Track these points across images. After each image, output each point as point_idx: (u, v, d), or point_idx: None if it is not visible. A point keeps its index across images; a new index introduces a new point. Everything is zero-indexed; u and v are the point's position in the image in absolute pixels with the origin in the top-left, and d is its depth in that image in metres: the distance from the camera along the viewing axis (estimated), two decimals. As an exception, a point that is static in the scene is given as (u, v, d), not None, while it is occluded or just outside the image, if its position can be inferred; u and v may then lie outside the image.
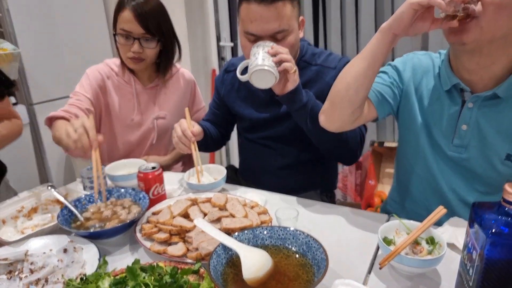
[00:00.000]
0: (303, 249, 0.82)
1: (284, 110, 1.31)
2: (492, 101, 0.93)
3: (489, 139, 0.95)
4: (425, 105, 1.04)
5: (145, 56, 1.39)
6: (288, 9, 1.13)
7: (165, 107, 1.54)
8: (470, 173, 1.00)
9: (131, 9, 1.32)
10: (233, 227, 0.91)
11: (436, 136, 1.02)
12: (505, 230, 0.57)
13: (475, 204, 0.64)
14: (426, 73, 1.05)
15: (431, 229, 0.85)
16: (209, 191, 1.17)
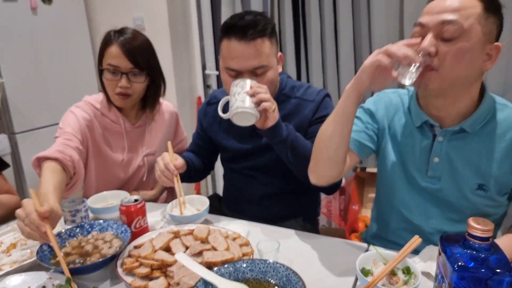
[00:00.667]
0: (283, 282, 0.83)
1: (266, 141, 1.35)
2: (460, 135, 0.98)
3: (460, 171, 0.99)
4: (398, 141, 1.08)
5: (133, 92, 1.39)
6: (267, 46, 1.19)
7: (153, 143, 1.55)
8: (444, 203, 1.04)
9: (119, 45, 1.33)
10: (215, 260, 0.92)
11: (410, 169, 1.06)
12: (470, 263, 0.60)
13: (443, 237, 0.67)
14: (397, 111, 1.11)
15: (406, 259, 0.88)
16: (191, 222, 1.18)
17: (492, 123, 0.96)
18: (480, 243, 0.60)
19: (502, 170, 0.96)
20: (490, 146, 0.96)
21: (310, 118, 1.32)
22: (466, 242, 0.62)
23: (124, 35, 1.36)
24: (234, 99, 1.13)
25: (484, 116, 0.96)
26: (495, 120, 0.96)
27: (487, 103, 0.96)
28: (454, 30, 0.86)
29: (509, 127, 0.95)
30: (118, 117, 1.47)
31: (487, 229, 0.59)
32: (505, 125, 0.96)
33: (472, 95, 0.95)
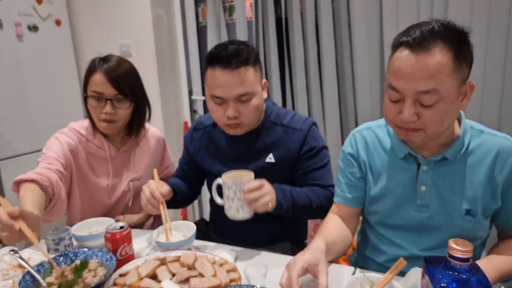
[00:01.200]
0: (271, 307, 0.83)
1: (252, 169, 1.36)
2: (443, 163, 1.02)
3: (447, 197, 1.02)
4: (384, 175, 1.10)
5: (118, 118, 1.40)
6: (251, 74, 1.22)
7: (139, 168, 1.54)
8: (434, 230, 1.05)
9: (103, 72, 1.35)
10: (202, 287, 0.91)
11: (399, 201, 1.08)
12: (451, 285, 0.61)
13: (426, 259, 0.69)
14: (375, 148, 1.13)
15: (392, 282, 0.89)
16: (178, 249, 1.17)
17: (471, 149, 1.00)
18: (460, 264, 0.61)
19: (486, 194, 0.99)
20: (472, 172, 1.00)
21: (298, 149, 1.34)
22: (448, 263, 0.63)
23: (109, 62, 1.37)
24: (229, 205, 1.14)
25: (463, 143, 1.00)
26: (473, 147, 1.00)
27: (464, 132, 1.00)
28: (432, 98, 0.87)
29: (486, 153, 0.99)
30: (103, 143, 1.47)
31: (466, 250, 0.61)
32: (483, 151, 1.00)
33: (451, 129, 0.99)
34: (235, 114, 1.24)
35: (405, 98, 0.90)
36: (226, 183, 1.12)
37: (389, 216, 1.11)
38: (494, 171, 0.98)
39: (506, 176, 0.98)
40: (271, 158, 1.36)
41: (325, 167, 1.36)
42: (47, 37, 2.55)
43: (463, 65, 0.88)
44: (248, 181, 1.11)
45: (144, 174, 1.55)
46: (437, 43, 0.85)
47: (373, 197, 1.14)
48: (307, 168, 1.35)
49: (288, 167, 1.36)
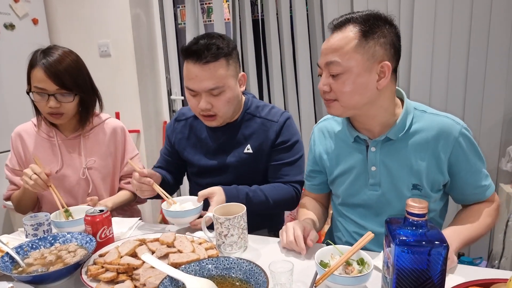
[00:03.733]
0: (247, 276, 0.87)
1: (231, 160, 1.42)
2: (388, 143, 1.10)
3: (396, 173, 1.10)
4: (339, 160, 1.20)
5: (64, 110, 1.40)
6: (222, 69, 1.27)
7: (92, 156, 1.54)
8: (387, 206, 1.14)
9: (43, 68, 1.33)
10: (181, 261, 0.94)
11: (355, 182, 1.17)
12: (410, 239, 0.67)
13: (387, 221, 0.75)
14: (331, 136, 1.23)
15: (360, 252, 0.95)
16: (189, 217, 1.21)
17: (414, 129, 1.08)
18: (417, 219, 0.68)
19: (431, 169, 1.07)
20: (416, 149, 1.07)
21: (273, 140, 1.40)
22: (406, 220, 0.70)
23: (49, 56, 1.35)
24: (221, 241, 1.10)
25: (405, 124, 1.07)
26: (416, 126, 1.08)
27: (406, 112, 1.08)
28: (336, 69, 0.99)
29: (429, 131, 1.07)
30: (51, 131, 1.51)
31: (422, 206, 0.67)
32: (426, 129, 1.07)
33: (386, 108, 1.07)
34: (207, 106, 1.29)
35: (323, 71, 1.04)
36: (218, 219, 1.09)
37: (348, 197, 1.20)
38: (437, 148, 1.05)
39: (451, 153, 1.05)
40: (249, 149, 1.41)
41: (296, 163, 1.43)
42: (24, 36, 2.53)
43: (370, 43, 0.97)
44: (241, 215, 1.09)
45: (100, 162, 1.54)
46: (348, 25, 0.99)
47: (333, 181, 1.24)
48: (277, 161, 1.42)
49: (264, 158, 1.42)
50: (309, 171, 1.32)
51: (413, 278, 0.67)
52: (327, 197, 1.37)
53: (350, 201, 1.20)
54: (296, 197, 1.42)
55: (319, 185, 1.32)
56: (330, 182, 1.26)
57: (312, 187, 1.34)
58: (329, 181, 1.26)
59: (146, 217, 2.95)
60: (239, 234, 1.10)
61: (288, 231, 1.12)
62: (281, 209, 1.56)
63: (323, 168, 1.26)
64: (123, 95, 2.72)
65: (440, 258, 0.66)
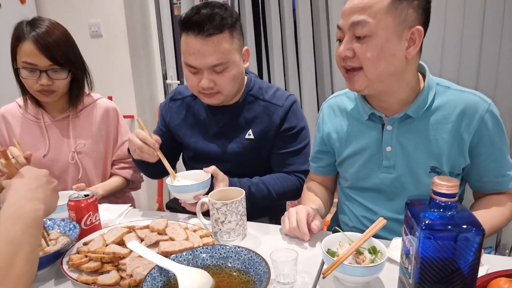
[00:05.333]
0: (246, 266, 0.78)
1: (231, 146, 1.31)
2: (407, 121, 0.99)
3: (412, 155, 1.00)
4: (350, 140, 1.09)
5: (56, 88, 1.31)
6: (226, 43, 1.14)
7: (82, 138, 1.44)
8: (401, 191, 1.04)
9: (33, 41, 1.22)
10: (172, 250, 0.85)
11: (367, 164, 1.07)
12: (436, 222, 0.58)
13: (408, 203, 0.65)
14: (342, 114, 1.12)
15: (372, 239, 0.85)
16: (195, 192, 1.10)
17: (436, 106, 0.98)
18: (446, 200, 0.58)
19: (452, 151, 0.97)
20: (437, 128, 0.97)
21: (277, 126, 1.29)
22: (432, 202, 0.60)
23: (38, 28, 1.24)
24: (218, 228, 1.00)
25: (426, 100, 0.97)
26: (438, 103, 0.98)
27: (428, 88, 0.98)
28: (363, 30, 0.87)
29: (452, 109, 0.96)
30: (38, 112, 1.40)
31: (452, 184, 0.57)
32: (449, 107, 0.97)
33: (409, 82, 0.96)
34: (209, 85, 1.17)
35: (345, 33, 0.92)
36: (215, 204, 0.99)
37: (358, 180, 1.10)
38: (460, 128, 0.96)
39: (474, 133, 0.95)
40: (250, 134, 1.31)
41: (302, 151, 1.33)
42: (11, 15, 2.40)
43: (403, 3, 0.87)
44: (239, 200, 1.00)
45: (91, 145, 1.44)
46: None
47: (342, 163, 1.13)
48: (282, 149, 1.31)
49: (266, 145, 1.31)
50: (315, 152, 1.22)
51: (440, 268, 0.58)
52: (333, 180, 1.27)
53: (360, 185, 1.11)
54: (300, 187, 1.32)
55: (325, 167, 1.22)
56: (339, 164, 1.16)
57: (318, 169, 1.24)
58: (337, 163, 1.16)
59: (142, 206, 2.86)
60: (237, 221, 1.00)
61: (290, 216, 1.02)
62: (284, 200, 1.48)
63: (331, 149, 1.16)
64: (115, 78, 2.60)
65: (474, 246, 0.56)
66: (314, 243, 0.99)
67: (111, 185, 1.44)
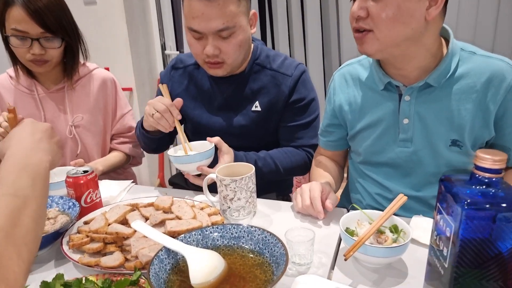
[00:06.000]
0: (259, 246, 0.72)
1: (238, 119, 1.23)
2: (427, 91, 0.92)
3: (432, 128, 0.93)
4: (364, 112, 1.02)
5: (50, 57, 1.22)
6: (233, 5, 1.04)
7: (79, 111, 1.36)
8: (419, 166, 0.98)
9: (22, 6, 1.12)
10: (179, 229, 0.79)
11: (382, 137, 1.00)
12: (479, 200, 0.51)
13: (443, 179, 0.59)
14: (355, 84, 1.04)
15: (393, 217, 0.80)
16: (199, 162, 1.04)
17: (459, 74, 0.89)
18: (490, 176, 0.51)
19: (476, 123, 0.90)
20: (460, 99, 0.89)
21: (286, 97, 1.21)
22: (474, 178, 0.53)
23: None
24: (226, 206, 0.95)
25: (449, 67, 0.89)
26: (462, 70, 0.89)
27: (452, 53, 0.89)
28: None
29: (478, 77, 0.88)
30: (31, 84, 1.31)
31: (499, 159, 0.51)
32: (474, 75, 0.89)
33: (429, 48, 0.87)
34: (215, 52, 1.09)
35: None
36: (223, 181, 0.93)
37: (372, 154, 1.04)
38: (486, 97, 0.88)
39: (501, 103, 0.87)
40: (257, 106, 1.23)
41: (311, 124, 1.26)
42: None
43: None
44: (249, 176, 0.94)
45: (89, 119, 1.37)
46: None
47: (354, 137, 1.07)
48: (291, 122, 1.24)
49: (274, 117, 1.24)
50: (325, 126, 1.14)
51: (481, 251, 0.52)
52: (343, 155, 1.21)
53: (374, 160, 1.04)
54: (309, 162, 1.26)
55: (336, 141, 1.15)
56: (351, 138, 1.09)
57: (328, 143, 1.17)
58: (349, 137, 1.09)
59: (143, 182, 2.81)
60: (247, 198, 0.94)
61: (303, 193, 0.96)
62: (292, 176, 1.41)
63: (343, 122, 1.09)
64: (112, 48, 2.48)
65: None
66: (328, 222, 0.93)
67: (111, 161, 1.38)
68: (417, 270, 0.73)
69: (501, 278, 0.53)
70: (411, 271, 0.75)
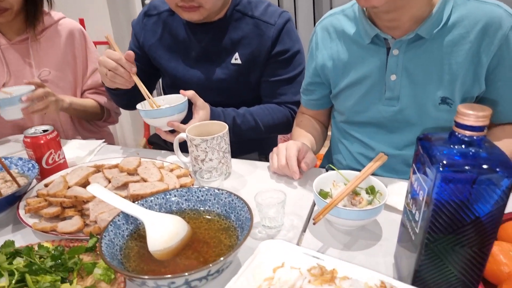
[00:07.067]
0: (226, 210, 0.68)
1: (217, 72, 1.15)
2: (417, 43, 0.84)
3: (421, 85, 0.87)
4: (348, 69, 0.94)
5: (9, 5, 1.12)
6: None
7: (46, 64, 1.26)
8: (404, 125, 0.93)
9: None
10: (143, 193, 0.74)
11: (366, 95, 0.93)
12: (457, 161, 0.46)
13: (421, 137, 0.53)
14: (339, 37, 0.95)
15: (371, 178, 0.75)
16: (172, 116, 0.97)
17: (452, 22, 0.82)
18: (472, 134, 0.46)
19: (467, 77, 0.83)
20: (452, 51, 0.82)
21: (268, 48, 1.13)
22: (454, 136, 0.48)
23: None
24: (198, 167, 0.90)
25: (441, 16, 0.81)
26: (455, 18, 0.81)
27: (445, 1, 0.80)
28: None
29: (472, 25, 0.81)
30: None
31: (483, 114, 0.45)
32: (467, 23, 0.81)
33: None
34: None
35: None
36: (193, 141, 0.88)
37: (355, 114, 0.98)
38: (480, 48, 0.81)
39: (494, 54, 0.81)
40: (237, 58, 1.14)
41: (296, 79, 1.18)
42: None
43: None
44: (221, 135, 0.88)
45: (56, 73, 1.28)
46: None
47: (338, 95, 1.00)
48: (273, 77, 1.16)
49: (255, 71, 1.16)
50: (307, 84, 1.07)
51: (456, 217, 0.48)
52: (327, 114, 1.14)
53: (357, 119, 0.98)
54: (292, 120, 1.20)
55: (318, 100, 1.08)
56: (334, 96, 1.02)
57: (310, 102, 1.10)
58: (332, 95, 1.02)
59: (128, 143, 2.74)
60: (219, 159, 0.89)
61: (279, 153, 0.91)
62: (274, 134, 1.35)
63: (326, 80, 1.01)
64: (86, -3, 2.33)
65: (501, 190, 0.45)
66: (305, 182, 0.89)
67: (81, 101, 1.30)
68: (392, 232, 0.70)
69: (477, 245, 0.49)
70: (385, 233, 0.71)
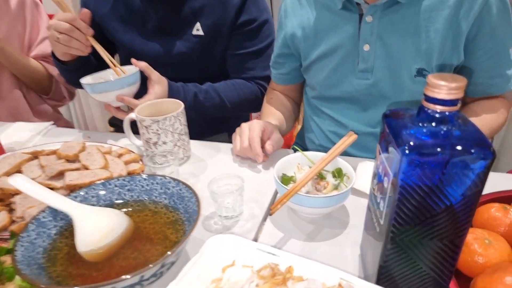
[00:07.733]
0: (174, 201, 0.60)
1: (177, 45, 1.05)
2: (392, 9, 0.77)
3: (396, 56, 0.80)
4: (319, 39, 0.86)
5: None
6: None
7: None
8: (378, 100, 0.86)
9: None
10: (81, 182, 0.65)
11: (338, 68, 0.86)
12: (427, 142, 0.39)
13: (387, 114, 0.46)
14: (310, 4, 0.87)
15: (338, 160, 0.68)
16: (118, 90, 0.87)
17: None
18: (443, 109, 0.39)
19: (446, 46, 0.77)
20: (430, 17, 0.75)
21: (233, 18, 1.03)
22: (423, 112, 0.41)
23: None
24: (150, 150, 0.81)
25: None
26: None
27: None
28: None
29: None
30: None
31: (456, 86, 0.37)
32: None
33: None
34: None
35: None
36: (143, 122, 0.78)
37: (327, 88, 0.91)
38: (459, 14, 0.74)
39: (474, 21, 0.74)
40: (198, 29, 1.05)
41: (264, 52, 1.09)
42: None
43: None
44: (175, 115, 0.79)
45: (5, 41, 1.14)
46: None
47: (308, 68, 0.93)
48: (240, 50, 1.08)
49: (220, 43, 1.07)
50: (276, 56, 0.98)
51: (424, 204, 0.41)
52: (298, 90, 1.06)
53: (329, 94, 0.91)
54: (261, 96, 1.12)
55: (288, 74, 1.00)
56: (305, 69, 0.94)
57: (280, 76, 1.01)
58: (303, 68, 0.94)
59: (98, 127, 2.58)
60: (174, 142, 0.81)
61: (242, 134, 0.83)
62: (242, 112, 1.26)
63: (296, 51, 0.93)
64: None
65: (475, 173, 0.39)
66: (269, 166, 0.82)
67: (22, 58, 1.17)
68: (360, 218, 0.63)
69: (449, 236, 0.43)
70: (352, 220, 0.65)
